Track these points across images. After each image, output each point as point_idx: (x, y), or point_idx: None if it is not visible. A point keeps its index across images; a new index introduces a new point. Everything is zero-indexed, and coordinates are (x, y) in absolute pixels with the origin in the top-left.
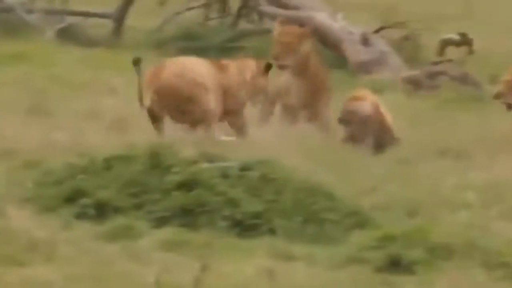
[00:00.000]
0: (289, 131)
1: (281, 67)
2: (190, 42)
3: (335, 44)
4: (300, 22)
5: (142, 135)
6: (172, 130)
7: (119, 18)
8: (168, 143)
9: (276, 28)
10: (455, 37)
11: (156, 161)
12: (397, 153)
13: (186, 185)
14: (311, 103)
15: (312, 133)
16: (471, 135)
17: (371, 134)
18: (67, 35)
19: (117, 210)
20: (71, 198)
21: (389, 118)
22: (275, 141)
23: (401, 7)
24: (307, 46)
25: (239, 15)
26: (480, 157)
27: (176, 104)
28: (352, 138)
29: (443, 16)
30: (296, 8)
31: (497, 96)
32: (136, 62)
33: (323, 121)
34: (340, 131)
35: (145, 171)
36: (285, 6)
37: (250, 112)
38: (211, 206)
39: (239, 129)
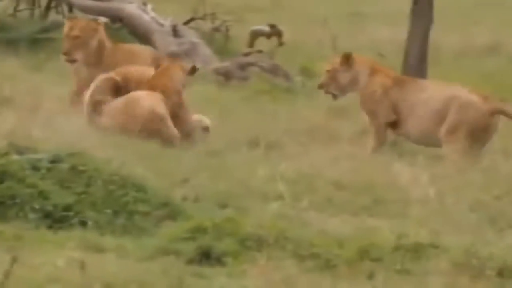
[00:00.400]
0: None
1: (71, 62)
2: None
3: (145, 35)
4: (110, 14)
5: None
6: None
7: None
8: None
9: (66, 23)
10: (265, 28)
11: None
12: (208, 145)
13: None
14: None
15: None
16: (281, 126)
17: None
18: None
19: None
20: None
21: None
22: (85, 133)
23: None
24: (97, 39)
25: (48, 6)
26: (291, 147)
27: None
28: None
29: (253, 7)
30: None
31: (321, 86)
32: None
33: None
34: None
35: None
36: None
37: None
38: (21, 198)
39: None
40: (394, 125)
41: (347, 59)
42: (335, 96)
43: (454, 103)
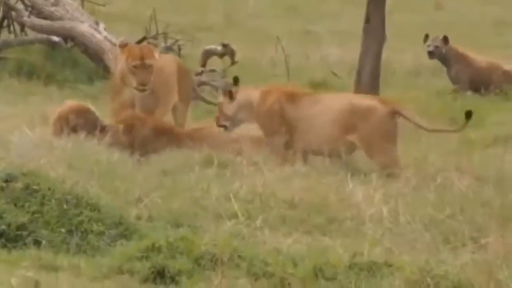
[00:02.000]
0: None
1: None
2: None
3: (98, 54)
4: (62, 33)
5: None
6: None
7: None
8: None
9: (130, 51)
10: (218, 47)
11: None
12: (162, 164)
13: None
14: None
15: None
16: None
17: None
18: None
19: None
20: None
21: None
22: (39, 152)
23: (162, 18)
24: None
25: (0, 26)
26: (244, 166)
27: None
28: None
29: (205, 27)
30: (59, 19)
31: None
32: None
33: None
34: None
35: None
36: (49, 17)
37: None
38: None
39: None
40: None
41: (229, 92)
42: (226, 128)
43: (355, 111)
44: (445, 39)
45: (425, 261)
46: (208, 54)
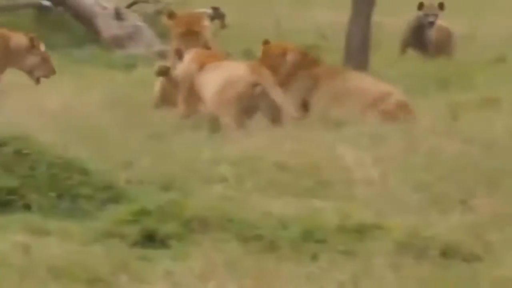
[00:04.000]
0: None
1: None
2: None
3: (88, 18)
4: None
5: None
6: None
7: None
8: None
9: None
10: (208, 11)
11: None
12: (151, 127)
13: None
14: None
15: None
16: None
17: None
18: None
19: None
20: None
21: None
22: (29, 116)
23: None
24: None
25: None
26: (234, 130)
27: None
28: None
29: None
30: None
31: None
32: None
33: None
34: None
35: None
36: None
37: None
38: None
39: None
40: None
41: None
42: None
43: (225, 79)
44: (441, 6)
45: (414, 223)
46: None
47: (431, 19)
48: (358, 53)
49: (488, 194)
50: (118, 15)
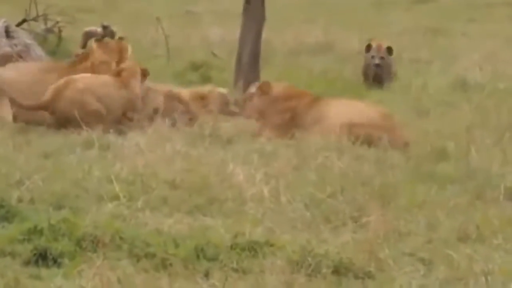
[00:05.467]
0: None
1: None
2: None
3: None
4: None
5: None
6: None
7: None
8: None
9: None
10: (98, 29)
11: None
12: (43, 146)
13: None
14: None
15: None
16: None
17: None
18: None
19: None
20: None
21: None
22: None
23: (43, 0)
24: None
25: None
26: (126, 148)
27: None
28: None
29: (85, 8)
30: None
31: None
32: None
33: None
34: None
35: None
36: None
37: None
38: None
39: None
40: None
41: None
42: None
43: None
44: (389, 50)
45: (306, 240)
46: (88, 36)
47: (376, 61)
48: (248, 69)
49: (380, 211)
50: (7, 33)
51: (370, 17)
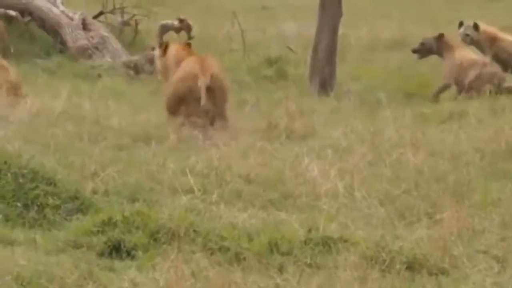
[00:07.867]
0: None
1: None
2: None
3: (55, 28)
4: (19, 7)
5: None
6: None
7: None
8: None
9: None
10: (174, 22)
11: None
12: (117, 139)
13: None
14: None
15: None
16: None
17: None
18: None
19: None
20: None
21: None
22: None
23: None
24: None
25: None
26: (200, 141)
27: None
28: None
29: (161, 1)
30: None
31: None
32: None
33: None
34: None
35: None
36: None
37: None
38: None
39: None
40: None
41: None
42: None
43: None
44: (475, 26)
45: (380, 236)
46: (164, 29)
47: (459, 36)
48: (324, 65)
49: (454, 207)
50: (84, 26)
51: (443, 14)
